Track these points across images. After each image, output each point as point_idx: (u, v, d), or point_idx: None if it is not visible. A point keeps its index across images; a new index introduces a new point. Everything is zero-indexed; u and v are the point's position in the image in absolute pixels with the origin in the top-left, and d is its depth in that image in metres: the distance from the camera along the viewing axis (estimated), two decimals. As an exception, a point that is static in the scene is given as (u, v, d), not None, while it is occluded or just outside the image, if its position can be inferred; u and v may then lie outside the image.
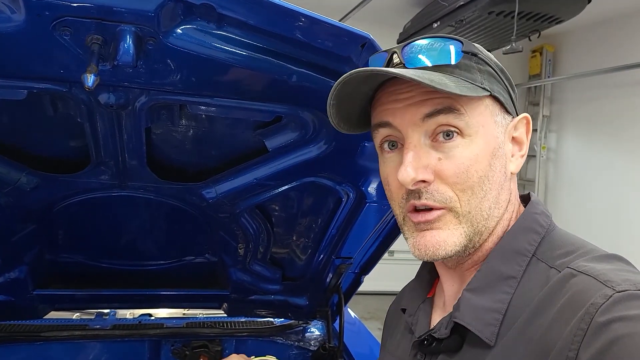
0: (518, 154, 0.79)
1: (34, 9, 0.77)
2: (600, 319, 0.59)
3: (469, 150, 0.72)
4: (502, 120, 0.76)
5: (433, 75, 0.70)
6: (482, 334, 0.71)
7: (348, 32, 0.85)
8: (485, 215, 0.74)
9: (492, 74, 0.75)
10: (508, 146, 0.78)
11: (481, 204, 0.73)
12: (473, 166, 0.72)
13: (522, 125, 0.79)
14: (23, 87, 0.97)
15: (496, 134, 0.75)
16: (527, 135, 0.80)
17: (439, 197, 0.73)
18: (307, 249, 1.63)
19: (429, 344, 0.79)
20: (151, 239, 1.63)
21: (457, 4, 3.70)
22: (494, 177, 0.74)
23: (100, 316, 2.06)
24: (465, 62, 0.73)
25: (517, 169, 0.79)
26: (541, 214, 0.79)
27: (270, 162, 1.25)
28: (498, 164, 0.75)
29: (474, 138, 0.73)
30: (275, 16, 0.83)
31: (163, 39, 0.85)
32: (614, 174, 4.93)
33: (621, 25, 4.80)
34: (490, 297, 0.73)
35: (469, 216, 0.73)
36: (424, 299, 0.90)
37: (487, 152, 0.73)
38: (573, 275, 0.67)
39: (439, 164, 0.72)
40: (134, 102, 1.03)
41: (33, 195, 1.28)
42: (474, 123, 0.72)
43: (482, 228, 0.75)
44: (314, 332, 2.02)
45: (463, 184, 0.72)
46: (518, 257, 0.74)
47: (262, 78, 0.97)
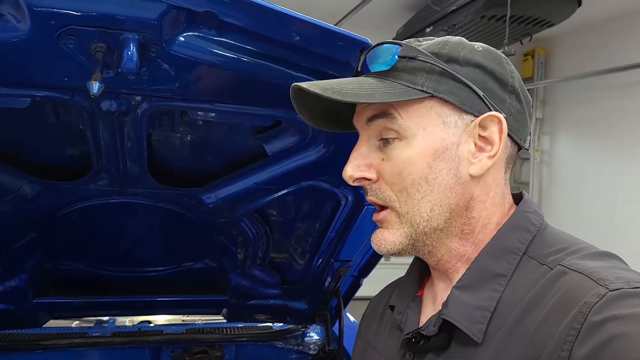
0: (483, 155, 0.74)
1: (40, 18, 0.78)
2: (594, 318, 0.59)
3: (405, 153, 0.74)
4: (456, 121, 0.73)
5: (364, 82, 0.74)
6: (470, 332, 0.71)
7: (346, 37, 0.87)
8: (426, 217, 0.75)
9: (444, 73, 0.73)
10: (466, 147, 0.74)
11: (419, 206, 0.74)
12: (407, 168, 0.74)
13: (492, 124, 0.74)
14: (26, 96, 0.98)
15: (443, 136, 0.73)
16: (499, 134, 0.74)
17: (380, 195, 0.77)
18: (306, 252, 1.64)
19: (416, 342, 0.79)
20: (151, 245, 1.63)
21: (449, 9, 3.74)
22: (435, 180, 0.73)
23: (100, 324, 2.07)
24: (408, 65, 0.73)
25: (478, 171, 0.74)
26: (533, 213, 0.78)
27: (269, 166, 1.26)
28: (444, 166, 0.73)
29: (411, 140, 0.74)
30: (275, 22, 0.85)
31: (165, 46, 0.86)
32: (607, 176, 4.96)
33: (611, 28, 4.86)
34: (479, 295, 0.73)
35: (407, 216, 0.76)
36: (413, 297, 0.90)
37: (427, 154, 0.73)
38: (565, 272, 0.67)
39: (381, 164, 0.76)
40: (135, 108, 1.04)
41: (34, 202, 1.29)
42: (411, 126, 0.73)
43: (425, 229, 0.75)
44: (313, 337, 2.03)
45: (398, 185, 0.75)
46: (508, 255, 0.74)
47: (262, 83, 0.99)
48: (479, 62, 0.74)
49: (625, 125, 4.76)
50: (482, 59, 0.75)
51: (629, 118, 4.71)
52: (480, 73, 0.74)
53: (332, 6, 4.13)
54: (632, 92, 4.67)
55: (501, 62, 0.77)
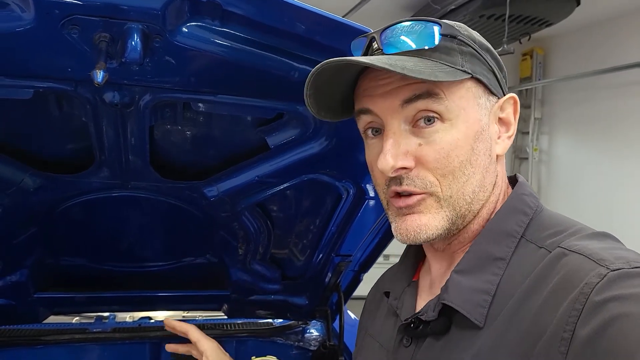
0: (505, 136, 0.78)
1: (44, 7, 0.79)
2: (596, 298, 0.59)
3: (450, 135, 0.72)
4: (486, 102, 0.75)
5: (408, 61, 0.69)
6: (471, 316, 0.70)
7: (352, 28, 0.87)
8: (469, 199, 0.74)
9: (474, 55, 0.74)
10: (493, 128, 0.77)
11: (463, 188, 0.73)
12: (454, 151, 0.72)
13: (509, 105, 0.78)
14: (29, 87, 0.98)
15: (479, 117, 0.74)
16: (514, 115, 0.78)
17: (419, 183, 0.73)
18: (307, 246, 1.64)
19: (415, 327, 0.79)
20: (152, 240, 1.63)
21: (448, 8, 3.76)
22: (477, 161, 0.73)
23: (100, 319, 2.06)
24: (445, 45, 0.72)
25: (503, 150, 0.78)
26: (529, 195, 0.79)
27: (271, 159, 1.26)
28: (482, 147, 0.74)
29: (455, 122, 0.72)
30: (279, 12, 0.85)
31: (169, 36, 0.87)
32: (606, 174, 4.98)
33: (610, 28, 4.87)
34: (479, 278, 0.73)
35: (450, 200, 0.73)
36: (409, 282, 0.89)
37: (469, 136, 0.72)
38: (565, 254, 0.67)
39: (419, 150, 0.72)
40: (138, 100, 1.04)
41: (36, 196, 1.29)
42: (454, 107, 0.71)
43: (465, 212, 0.75)
44: (313, 333, 2.03)
45: (444, 169, 0.72)
46: (507, 239, 0.74)
47: (264, 75, 0.99)
48: (489, 47, 0.77)
49: (624, 124, 4.78)
50: (488, 46, 0.78)
51: (627, 117, 4.73)
52: (490, 58, 0.77)
53: (331, 5, 4.14)
54: (630, 92, 4.69)
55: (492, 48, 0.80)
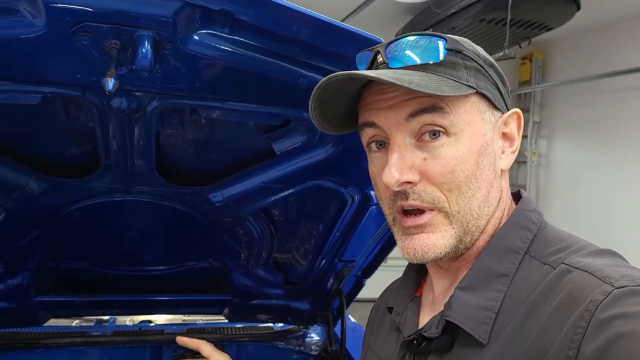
0: (509, 150, 0.78)
1: (55, 14, 0.79)
2: (601, 315, 0.59)
3: (455, 150, 0.71)
4: (490, 117, 0.75)
5: (414, 75, 0.69)
6: (475, 333, 0.70)
7: (360, 35, 0.87)
8: (475, 214, 0.73)
9: (479, 69, 0.74)
10: (497, 143, 0.76)
11: (470, 203, 0.73)
12: (459, 165, 0.71)
13: (513, 120, 0.78)
14: (38, 92, 0.98)
15: (484, 132, 0.74)
16: (518, 130, 0.78)
17: (426, 198, 0.72)
18: (310, 252, 1.64)
19: (418, 344, 0.78)
20: (155, 244, 1.63)
21: (449, 12, 3.76)
22: (482, 176, 0.73)
23: (100, 323, 2.06)
24: (450, 60, 0.72)
25: (507, 165, 0.78)
26: (533, 211, 0.78)
27: (277, 165, 1.26)
28: (486, 161, 0.74)
29: (460, 137, 0.71)
30: (289, 21, 0.85)
31: (180, 44, 0.87)
32: (604, 179, 4.99)
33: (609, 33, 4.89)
34: (482, 295, 0.72)
35: (458, 216, 0.73)
36: (412, 297, 0.89)
37: (474, 151, 0.72)
38: (569, 271, 0.66)
39: (424, 164, 0.72)
40: (145, 106, 1.04)
41: (40, 200, 1.28)
42: (459, 121, 0.71)
43: (472, 228, 0.74)
44: (314, 337, 2.03)
45: (450, 184, 0.71)
46: (510, 255, 0.74)
47: (272, 82, 0.99)
48: (492, 63, 0.77)
49: (622, 129, 4.79)
50: (491, 61, 0.77)
51: (626, 122, 4.75)
52: (494, 73, 0.77)
53: (331, 8, 4.14)
54: (629, 96, 4.71)
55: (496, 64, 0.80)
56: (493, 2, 3.44)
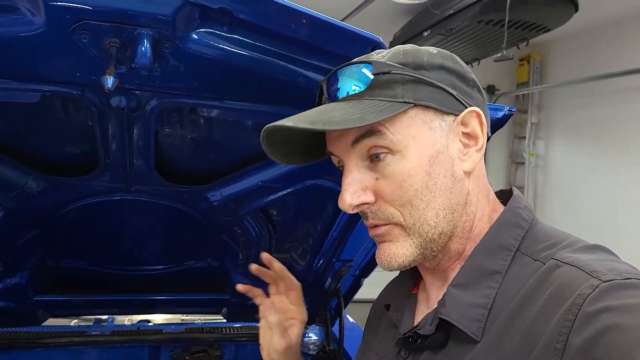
0: (472, 149, 0.77)
1: (55, 12, 0.78)
2: (588, 308, 0.60)
3: (401, 166, 0.73)
4: (440, 124, 0.75)
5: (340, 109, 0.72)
6: (469, 330, 0.71)
7: (358, 35, 0.88)
8: (433, 223, 0.74)
9: (419, 80, 0.73)
10: (455, 146, 0.76)
11: (424, 215, 0.74)
12: (406, 181, 0.73)
13: (472, 118, 0.76)
14: (37, 90, 0.98)
15: (432, 141, 0.74)
16: (481, 127, 0.77)
17: (382, 215, 0.75)
18: (308, 251, 1.64)
19: (413, 341, 0.80)
20: (153, 243, 1.63)
21: (447, 13, 3.77)
22: (436, 185, 0.74)
23: (99, 322, 2.06)
24: (382, 80, 0.73)
25: (471, 166, 0.77)
26: (524, 209, 0.79)
27: (275, 164, 1.27)
28: (440, 169, 0.74)
29: (405, 153, 0.73)
30: (288, 19, 0.85)
31: (179, 42, 0.87)
32: (602, 179, 5.01)
33: (607, 34, 4.91)
34: (475, 293, 0.73)
35: (414, 228, 0.74)
36: (409, 295, 0.90)
37: (423, 162, 0.73)
38: (558, 266, 0.67)
39: (376, 184, 0.75)
40: (144, 105, 1.05)
41: (39, 199, 1.29)
42: (400, 138, 0.73)
43: (432, 236, 0.75)
44: (312, 337, 2.03)
45: (400, 199, 0.73)
46: (502, 252, 0.75)
47: (272, 81, 0.99)
48: (442, 64, 0.76)
49: (620, 130, 4.81)
50: (442, 61, 0.76)
51: (624, 123, 4.76)
52: (445, 74, 0.75)
53: (329, 9, 4.15)
54: (627, 98, 4.72)
55: (457, 61, 0.79)
56: (491, 4, 3.44)
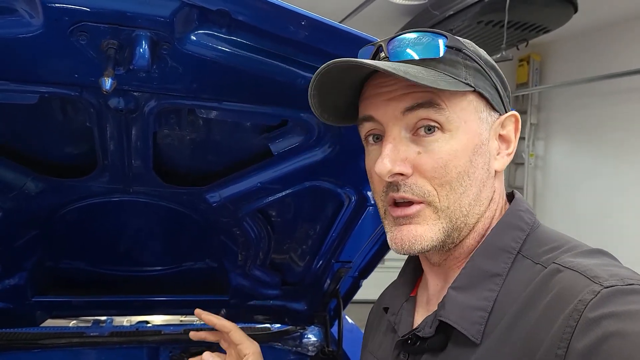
0: (504, 152, 0.79)
1: (53, 14, 0.79)
2: (590, 314, 0.59)
3: (449, 146, 0.72)
4: (487, 117, 0.76)
5: (413, 68, 0.70)
6: (468, 333, 0.71)
7: (356, 36, 0.88)
8: (465, 211, 0.74)
9: (478, 69, 0.75)
10: (493, 144, 0.77)
11: (460, 200, 0.73)
12: (452, 161, 0.72)
13: (510, 123, 0.79)
14: (35, 92, 0.98)
15: (479, 131, 0.74)
16: (515, 133, 0.79)
17: (417, 191, 0.73)
18: (307, 253, 1.64)
19: (412, 344, 0.79)
20: (152, 244, 1.63)
21: (447, 14, 3.77)
22: (474, 174, 0.74)
23: (97, 323, 2.06)
24: (450, 57, 0.73)
25: (502, 167, 0.78)
26: (526, 212, 0.79)
27: (274, 166, 1.27)
28: (480, 160, 0.74)
29: (455, 133, 0.72)
30: (286, 21, 0.85)
31: (177, 44, 0.87)
32: (601, 180, 5.01)
33: (606, 35, 4.91)
34: (475, 295, 0.73)
35: (447, 211, 0.73)
36: (407, 297, 0.89)
37: (468, 148, 0.73)
38: (559, 270, 0.67)
39: (417, 158, 0.73)
40: (143, 106, 1.04)
41: (38, 200, 1.28)
42: (455, 118, 0.72)
43: (460, 224, 0.75)
44: (311, 338, 2.03)
45: (441, 179, 0.72)
46: (503, 255, 0.74)
47: (270, 82, 0.99)
48: (493, 65, 0.78)
49: (619, 131, 4.81)
50: (492, 62, 0.78)
51: (623, 124, 4.76)
52: (494, 75, 0.77)
53: (329, 10, 4.15)
54: (626, 98, 4.72)
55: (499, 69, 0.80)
56: (490, 4, 3.45)
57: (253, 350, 1.17)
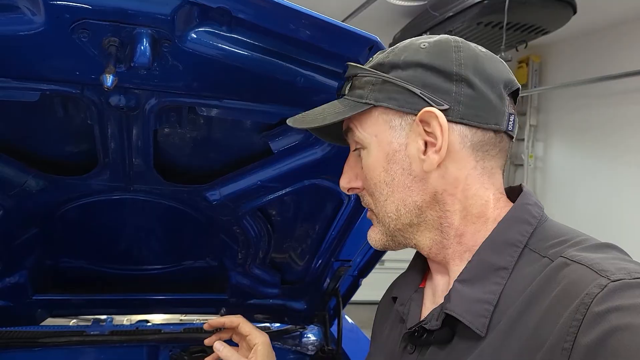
0: (432, 150, 0.75)
1: (55, 11, 0.79)
2: (597, 308, 0.59)
3: (367, 160, 0.81)
4: (401, 124, 0.77)
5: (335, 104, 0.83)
6: (473, 325, 0.71)
7: (356, 34, 0.88)
8: (393, 216, 0.80)
9: (385, 81, 0.77)
10: (414, 146, 0.76)
11: (385, 207, 0.81)
12: (369, 174, 0.81)
13: (432, 118, 0.74)
14: (36, 89, 0.99)
15: (390, 139, 0.78)
16: (440, 128, 0.74)
17: (364, 200, 0.86)
18: (307, 251, 1.64)
19: (419, 336, 0.80)
20: (152, 243, 1.63)
21: (446, 15, 3.77)
22: (393, 181, 0.79)
23: (98, 322, 2.06)
24: (361, 81, 0.80)
25: (429, 167, 0.76)
26: (533, 205, 0.78)
27: (274, 164, 1.27)
28: (396, 167, 0.78)
29: (369, 149, 0.80)
30: (286, 18, 0.86)
31: (177, 41, 0.87)
32: (601, 181, 5.01)
33: (605, 36, 4.91)
34: (481, 288, 0.73)
35: (379, 216, 0.83)
36: (416, 288, 0.90)
37: (380, 159, 0.79)
38: (566, 264, 0.67)
39: (361, 173, 0.85)
40: (144, 104, 1.05)
41: (38, 197, 1.29)
42: (365, 135, 0.80)
43: (395, 227, 0.81)
44: (311, 337, 2.03)
45: (368, 189, 0.83)
46: (509, 248, 0.74)
47: (269, 80, 1.00)
48: (419, 61, 0.75)
49: (619, 132, 4.81)
50: (423, 57, 0.76)
51: (623, 125, 4.76)
52: (421, 71, 0.75)
53: (328, 11, 4.15)
54: (625, 100, 4.73)
55: (446, 54, 0.75)
56: (490, 6, 3.45)
57: (262, 340, 1.19)
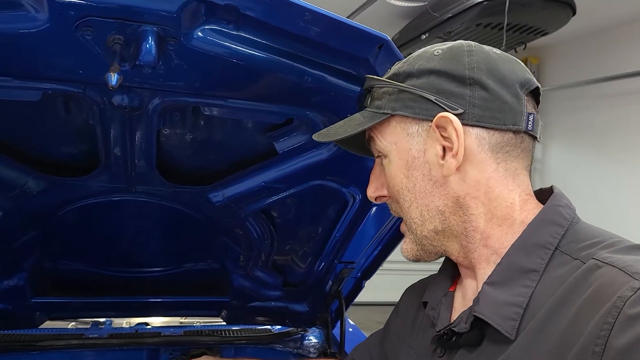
0: (449, 154, 0.76)
1: (58, 8, 0.77)
2: (629, 311, 0.58)
3: (389, 168, 0.83)
4: (419, 131, 0.78)
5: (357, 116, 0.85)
6: (502, 328, 0.70)
7: (366, 33, 0.87)
8: (419, 222, 0.81)
9: (401, 91, 0.79)
10: (432, 152, 0.77)
11: (409, 212, 0.82)
12: (392, 181, 0.83)
13: (447, 123, 0.75)
14: (38, 88, 0.97)
15: (409, 147, 0.80)
16: (456, 132, 0.74)
17: (393, 208, 0.87)
18: (310, 253, 1.63)
19: (448, 339, 0.79)
20: (154, 245, 1.62)
21: (445, 16, 3.76)
22: (414, 187, 0.80)
23: (97, 325, 2.04)
24: (379, 92, 0.82)
25: (448, 171, 0.76)
26: (564, 207, 0.77)
27: (279, 165, 1.25)
28: (417, 173, 0.80)
29: (390, 157, 0.82)
30: (295, 16, 0.84)
31: (184, 40, 0.86)
32: (600, 182, 5.01)
33: (604, 38, 4.92)
34: (510, 291, 0.72)
35: (408, 224, 0.84)
36: (446, 292, 0.90)
37: (400, 166, 0.81)
38: (598, 266, 0.66)
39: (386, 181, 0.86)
40: (147, 104, 1.03)
41: (39, 199, 1.27)
42: (386, 144, 0.82)
43: (423, 232, 0.82)
44: (312, 340, 2.01)
45: (393, 197, 0.84)
46: (540, 250, 0.73)
47: (276, 80, 0.98)
48: (432, 68, 0.77)
49: (618, 133, 4.81)
50: (436, 64, 0.77)
51: (621, 126, 4.77)
52: (434, 78, 0.77)
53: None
54: (624, 101, 4.73)
55: (458, 59, 0.76)
56: (490, 7, 3.44)
57: None
